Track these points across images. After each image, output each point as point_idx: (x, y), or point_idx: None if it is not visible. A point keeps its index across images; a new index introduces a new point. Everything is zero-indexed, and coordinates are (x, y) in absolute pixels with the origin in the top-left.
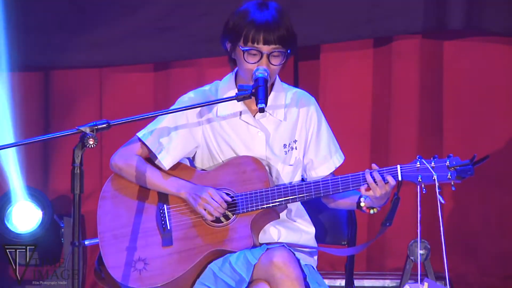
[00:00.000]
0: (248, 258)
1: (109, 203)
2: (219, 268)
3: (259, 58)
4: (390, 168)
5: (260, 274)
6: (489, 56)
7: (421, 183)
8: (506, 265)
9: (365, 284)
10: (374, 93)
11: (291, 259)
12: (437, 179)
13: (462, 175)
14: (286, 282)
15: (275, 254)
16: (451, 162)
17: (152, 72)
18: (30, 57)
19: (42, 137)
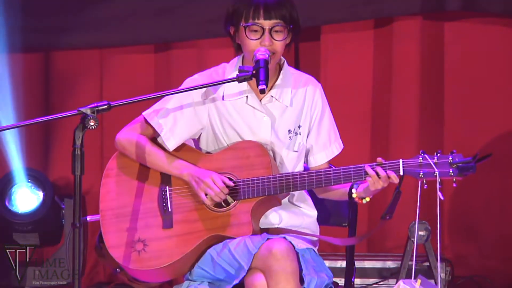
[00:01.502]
0: (248, 246)
1: (112, 181)
2: (217, 253)
3: (261, 34)
4: (392, 162)
5: (258, 264)
6: (489, 38)
7: (422, 179)
8: (506, 247)
9: (365, 266)
10: (375, 75)
11: (290, 253)
12: (439, 175)
13: (464, 172)
14: (282, 275)
15: (275, 246)
16: (454, 159)
17: (153, 53)
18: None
19: (42, 118)
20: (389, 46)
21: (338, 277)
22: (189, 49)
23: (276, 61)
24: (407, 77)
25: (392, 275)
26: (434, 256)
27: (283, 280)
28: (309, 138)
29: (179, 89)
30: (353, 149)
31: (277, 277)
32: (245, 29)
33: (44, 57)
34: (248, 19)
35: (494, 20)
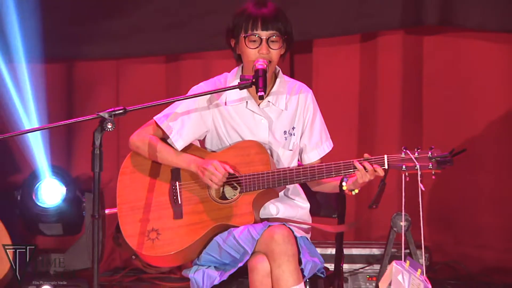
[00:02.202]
0: (251, 233)
1: (128, 178)
2: (223, 240)
3: (259, 43)
4: (378, 157)
5: (261, 248)
6: (463, 49)
7: (405, 172)
8: (478, 235)
9: (353, 252)
10: (361, 83)
11: (290, 237)
12: (419, 169)
13: (442, 165)
14: (283, 257)
15: (276, 232)
16: (433, 154)
17: (164, 63)
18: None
19: (66, 121)
20: (374, 57)
21: (329, 262)
22: (196, 60)
23: (273, 69)
24: (390, 85)
25: (377, 261)
26: (413, 243)
27: (285, 261)
28: (303, 138)
29: (186, 95)
30: (342, 147)
31: (280, 259)
32: (245, 39)
33: (67, 67)
34: (247, 30)
35: (468, 33)
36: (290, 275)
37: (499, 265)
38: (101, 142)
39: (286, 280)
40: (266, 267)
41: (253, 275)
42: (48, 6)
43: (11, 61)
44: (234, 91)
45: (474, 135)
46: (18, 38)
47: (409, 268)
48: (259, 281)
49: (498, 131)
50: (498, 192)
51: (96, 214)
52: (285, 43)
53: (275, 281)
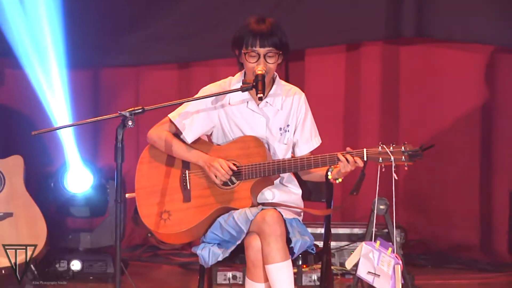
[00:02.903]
0: (247, 214)
1: (145, 167)
2: (224, 221)
3: (257, 58)
4: (359, 151)
5: (254, 228)
6: (434, 58)
7: (381, 163)
8: (446, 217)
9: (339, 232)
10: (346, 88)
11: (279, 220)
12: (394, 161)
13: (413, 158)
14: (272, 236)
15: (267, 214)
16: (405, 148)
17: (177, 70)
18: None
19: (93, 119)
20: (357, 64)
21: (318, 240)
22: (204, 67)
23: (270, 76)
24: (371, 88)
25: (359, 239)
26: (391, 224)
27: (273, 240)
28: (295, 134)
29: (195, 97)
30: (329, 143)
31: (269, 238)
32: (245, 54)
33: (94, 73)
34: (247, 46)
35: (438, 43)
36: (278, 252)
37: (464, 242)
38: (122, 137)
39: (274, 256)
40: (258, 244)
41: (248, 251)
42: (77, 21)
43: (47, 68)
44: (237, 92)
45: (443, 131)
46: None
47: (380, 247)
48: (254, 256)
49: (462, 128)
50: (462, 179)
51: (118, 199)
52: (281, 55)
53: (265, 257)
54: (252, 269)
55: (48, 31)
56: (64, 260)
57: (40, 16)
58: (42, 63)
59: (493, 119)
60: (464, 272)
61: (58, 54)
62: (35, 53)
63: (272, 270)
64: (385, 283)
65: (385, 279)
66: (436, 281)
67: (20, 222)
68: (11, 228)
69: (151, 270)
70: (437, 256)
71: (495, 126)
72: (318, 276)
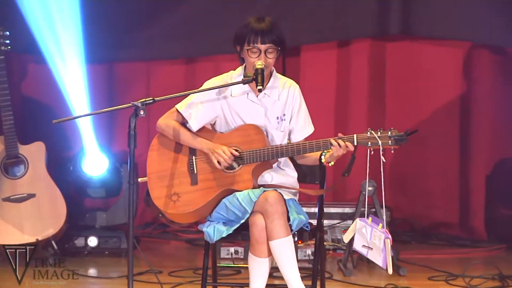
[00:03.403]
0: (251, 196)
1: (155, 154)
2: (229, 202)
3: (258, 54)
4: (349, 136)
5: (258, 208)
6: (417, 53)
7: (370, 147)
8: (427, 198)
9: (331, 211)
10: (337, 80)
11: (280, 200)
12: (381, 145)
13: (398, 142)
14: (275, 214)
15: (269, 196)
16: (392, 133)
17: (183, 64)
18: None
19: (108, 109)
20: (348, 59)
21: (312, 219)
22: (208, 62)
23: (269, 70)
24: (360, 81)
25: (350, 217)
26: (379, 204)
27: (276, 218)
28: (291, 123)
29: (200, 89)
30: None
31: (272, 216)
32: (247, 50)
33: (109, 68)
34: (249, 43)
35: (421, 40)
36: (280, 228)
37: (444, 220)
38: (135, 125)
39: (277, 232)
40: (262, 223)
41: (253, 229)
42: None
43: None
44: (238, 85)
45: (425, 120)
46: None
47: (372, 223)
48: (258, 234)
49: (443, 117)
50: (443, 163)
51: (131, 181)
52: (279, 50)
53: (269, 233)
54: (256, 246)
55: (68, 30)
56: (82, 236)
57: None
58: (63, 58)
59: (471, 109)
60: (444, 247)
61: (77, 50)
62: (56, 49)
63: (277, 245)
64: (377, 255)
65: (377, 251)
66: (418, 256)
67: (42, 203)
68: (34, 208)
69: (161, 245)
70: (420, 233)
71: (472, 115)
72: (312, 251)
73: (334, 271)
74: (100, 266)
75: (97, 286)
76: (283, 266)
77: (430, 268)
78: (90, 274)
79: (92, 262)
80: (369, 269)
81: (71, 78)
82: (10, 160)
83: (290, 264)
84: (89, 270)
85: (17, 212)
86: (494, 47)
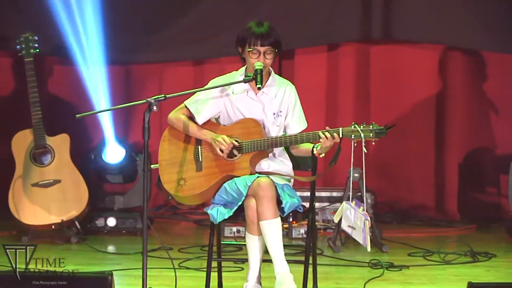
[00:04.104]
0: (246, 181)
1: (166, 144)
2: (229, 185)
3: (258, 55)
4: (335, 129)
5: (251, 192)
6: (398, 55)
7: (354, 139)
8: (407, 183)
9: (322, 195)
10: (328, 80)
11: (270, 185)
12: (363, 138)
13: (379, 135)
14: (265, 198)
15: (261, 181)
16: (373, 127)
17: (192, 66)
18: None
19: (125, 105)
20: (336, 61)
21: (305, 202)
22: (214, 64)
23: (267, 70)
24: (347, 80)
25: (337, 201)
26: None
27: (265, 201)
28: (287, 119)
29: (206, 87)
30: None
31: (262, 199)
32: (248, 52)
33: (126, 69)
34: (250, 45)
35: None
36: (269, 211)
37: (421, 203)
38: (149, 119)
39: (266, 214)
40: (255, 205)
41: (247, 210)
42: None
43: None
44: (239, 83)
45: (405, 114)
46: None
47: (355, 206)
48: (251, 215)
49: (420, 111)
50: (421, 153)
51: (145, 169)
52: (276, 52)
53: (259, 215)
54: (251, 225)
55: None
56: (102, 217)
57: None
58: (85, 60)
59: (445, 105)
60: (422, 227)
61: (97, 53)
62: (79, 52)
63: (264, 225)
64: (358, 235)
65: (358, 231)
66: (399, 235)
67: (66, 187)
68: (60, 192)
69: (172, 225)
70: (400, 214)
71: (447, 110)
72: (305, 230)
73: (325, 248)
74: (118, 243)
75: (115, 261)
76: (270, 244)
77: (409, 245)
78: (109, 250)
79: (111, 240)
80: (355, 246)
81: (92, 77)
82: (38, 150)
83: (276, 243)
84: (108, 247)
85: (45, 196)
86: (466, 49)
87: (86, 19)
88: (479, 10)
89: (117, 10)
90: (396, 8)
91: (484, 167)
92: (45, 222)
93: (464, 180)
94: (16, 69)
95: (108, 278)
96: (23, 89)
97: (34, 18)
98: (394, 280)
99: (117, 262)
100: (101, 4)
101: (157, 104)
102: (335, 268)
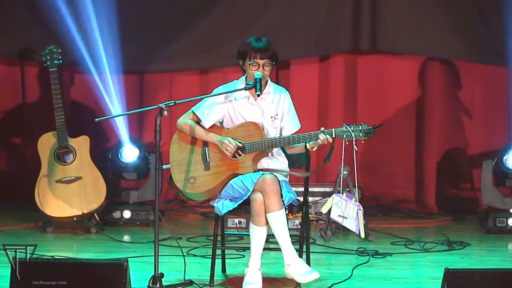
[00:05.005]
0: (251, 178)
1: (176, 146)
2: (235, 183)
3: (257, 67)
4: (329, 130)
5: (257, 187)
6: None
7: (345, 139)
8: (392, 179)
9: (315, 190)
10: (320, 87)
11: (275, 180)
12: (354, 137)
13: (368, 135)
14: (271, 192)
15: (267, 177)
16: (362, 127)
17: (198, 75)
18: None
19: (139, 110)
20: (327, 70)
21: (299, 196)
22: (218, 73)
23: (265, 79)
24: (337, 88)
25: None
26: (352, 184)
27: (272, 195)
28: (282, 121)
29: (211, 94)
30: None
31: (269, 194)
32: (249, 64)
33: (139, 78)
34: (250, 59)
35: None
36: (275, 203)
37: (404, 197)
38: (160, 123)
39: (273, 206)
40: (261, 199)
41: (253, 203)
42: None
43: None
44: (241, 91)
45: (389, 118)
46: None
47: (346, 197)
48: (257, 208)
49: (402, 115)
50: (403, 152)
51: (157, 167)
52: (273, 64)
53: (266, 207)
54: (256, 217)
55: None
56: (118, 210)
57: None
58: (103, 69)
59: (424, 109)
60: (404, 219)
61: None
62: (97, 62)
63: (272, 216)
64: (351, 223)
65: (351, 220)
66: (383, 226)
67: (87, 183)
68: (81, 188)
69: (181, 217)
70: (384, 207)
71: (426, 114)
72: (299, 222)
73: (317, 237)
74: (133, 233)
75: (130, 249)
76: (277, 232)
77: (392, 235)
78: (125, 240)
79: (126, 230)
80: (344, 236)
81: (110, 85)
82: (61, 150)
83: (283, 231)
84: (124, 236)
85: (67, 191)
86: (443, 59)
87: (104, 33)
88: (456, 25)
89: (131, 25)
90: (381, 23)
91: (459, 165)
92: (67, 214)
93: (441, 176)
94: (41, 78)
95: (124, 264)
96: (48, 96)
97: (57, 32)
98: (379, 266)
99: (132, 250)
100: (117, 20)
101: (168, 109)
102: (326, 255)
